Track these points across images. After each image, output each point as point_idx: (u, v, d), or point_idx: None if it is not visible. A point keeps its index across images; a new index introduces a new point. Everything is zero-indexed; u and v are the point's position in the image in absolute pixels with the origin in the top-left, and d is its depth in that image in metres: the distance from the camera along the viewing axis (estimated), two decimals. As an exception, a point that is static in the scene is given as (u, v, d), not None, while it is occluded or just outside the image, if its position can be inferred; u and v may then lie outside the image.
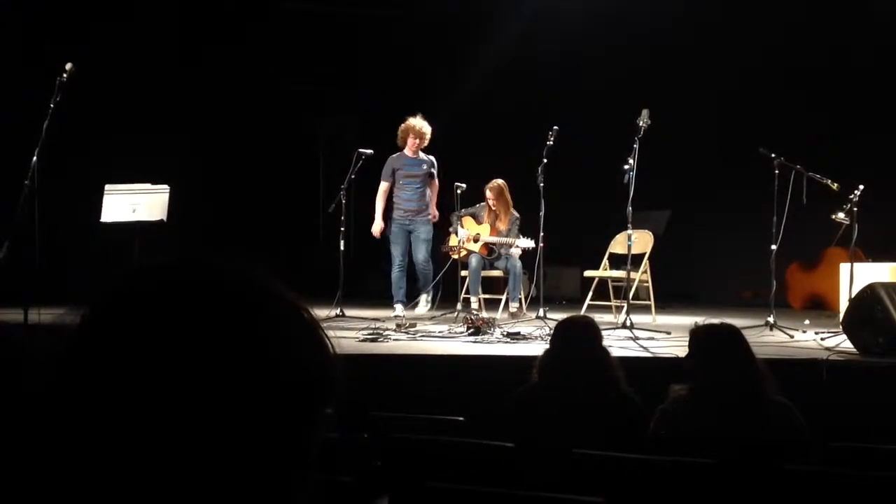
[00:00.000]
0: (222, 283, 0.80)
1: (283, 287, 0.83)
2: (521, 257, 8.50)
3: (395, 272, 8.33)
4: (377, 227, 8.38)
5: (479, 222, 8.73)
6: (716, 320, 3.92)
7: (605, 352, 3.97)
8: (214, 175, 10.35)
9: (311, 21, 11.01)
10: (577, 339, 3.92)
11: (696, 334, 3.74)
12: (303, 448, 0.79)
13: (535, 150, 7.75)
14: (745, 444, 3.36)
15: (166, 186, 7.49)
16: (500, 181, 8.60)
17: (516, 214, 8.58)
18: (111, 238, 7.28)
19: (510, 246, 8.40)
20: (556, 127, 7.65)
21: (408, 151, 8.38)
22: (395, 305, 8.22)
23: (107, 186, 7.47)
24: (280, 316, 0.81)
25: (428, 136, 8.35)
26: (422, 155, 8.41)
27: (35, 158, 6.36)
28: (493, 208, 8.62)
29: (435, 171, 8.48)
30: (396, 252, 8.35)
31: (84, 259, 6.59)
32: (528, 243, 8.23)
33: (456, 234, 8.61)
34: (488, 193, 8.59)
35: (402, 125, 8.38)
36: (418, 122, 8.35)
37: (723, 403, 3.51)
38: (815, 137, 9.25)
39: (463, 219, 8.69)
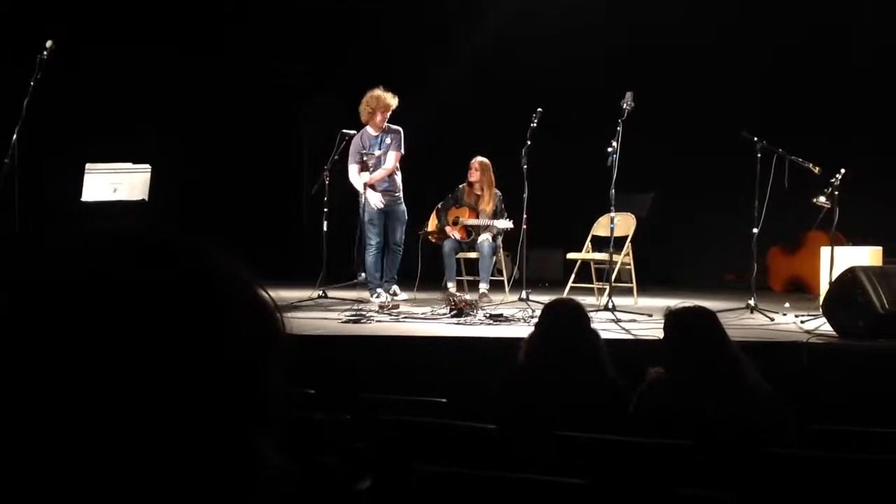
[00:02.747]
0: (161, 250, 0.79)
1: (232, 259, 0.81)
2: (502, 237, 8.50)
3: (373, 255, 7.94)
4: (374, 196, 7.91)
5: (459, 205, 8.67)
6: (689, 303, 3.94)
7: (594, 334, 3.98)
8: (197, 155, 10.28)
9: (295, 3, 10.92)
10: (565, 322, 3.93)
11: (671, 317, 3.76)
12: (250, 412, 0.78)
13: (519, 131, 7.73)
14: (725, 425, 3.39)
15: (148, 166, 7.44)
16: (484, 159, 8.55)
17: (499, 193, 8.55)
18: (92, 218, 7.24)
19: (487, 228, 8.38)
20: (539, 109, 7.64)
21: (372, 129, 7.93)
22: (376, 290, 7.88)
23: (88, 165, 7.42)
24: (223, 284, 0.79)
25: (393, 108, 7.88)
26: (385, 126, 7.95)
27: (15, 137, 6.31)
28: (475, 187, 8.55)
29: (401, 142, 7.97)
30: (374, 234, 7.94)
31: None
32: (506, 224, 8.22)
33: (442, 226, 8.51)
34: (473, 171, 8.52)
35: (369, 98, 7.83)
36: (386, 96, 7.81)
37: (699, 385, 3.53)
38: (798, 121, 9.28)
39: (449, 211, 8.61)
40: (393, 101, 7.87)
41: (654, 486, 2.81)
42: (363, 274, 7.82)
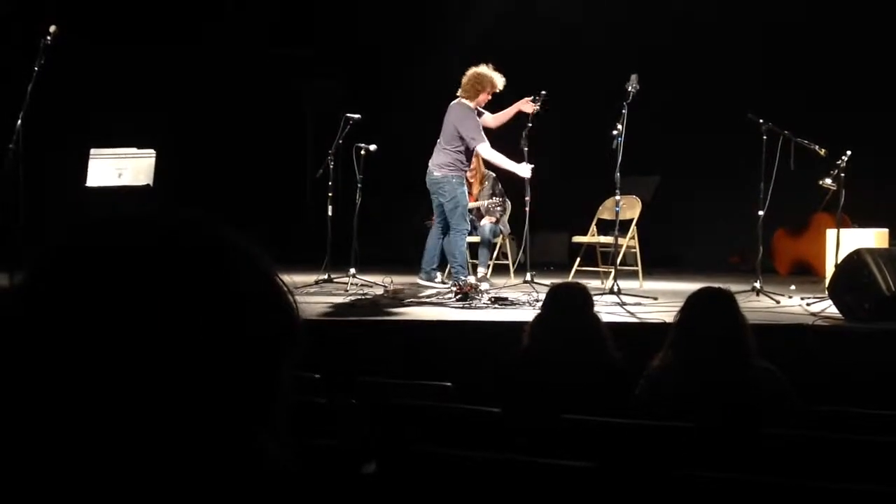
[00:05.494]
0: (180, 234, 0.78)
1: (249, 243, 0.81)
2: (505, 212, 8.52)
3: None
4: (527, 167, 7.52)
5: None
6: (719, 285, 3.90)
7: (595, 319, 3.98)
8: (201, 140, 10.27)
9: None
10: (569, 305, 3.93)
11: (693, 295, 3.75)
12: (265, 404, 0.78)
13: (522, 114, 7.70)
14: (730, 408, 3.39)
15: (152, 151, 7.45)
16: None
17: (490, 174, 8.55)
18: (97, 203, 7.24)
19: (488, 208, 8.39)
20: (543, 91, 7.60)
21: (479, 107, 7.71)
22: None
23: (92, 151, 7.44)
24: (241, 269, 0.79)
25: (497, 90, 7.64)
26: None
27: (20, 122, 6.30)
28: (468, 174, 8.46)
29: None
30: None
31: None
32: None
33: None
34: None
35: (478, 74, 7.50)
36: (498, 77, 7.53)
37: (707, 367, 3.52)
38: (804, 103, 9.24)
39: None
40: (500, 85, 7.60)
41: (659, 469, 2.82)
42: (353, 269, 7.74)
